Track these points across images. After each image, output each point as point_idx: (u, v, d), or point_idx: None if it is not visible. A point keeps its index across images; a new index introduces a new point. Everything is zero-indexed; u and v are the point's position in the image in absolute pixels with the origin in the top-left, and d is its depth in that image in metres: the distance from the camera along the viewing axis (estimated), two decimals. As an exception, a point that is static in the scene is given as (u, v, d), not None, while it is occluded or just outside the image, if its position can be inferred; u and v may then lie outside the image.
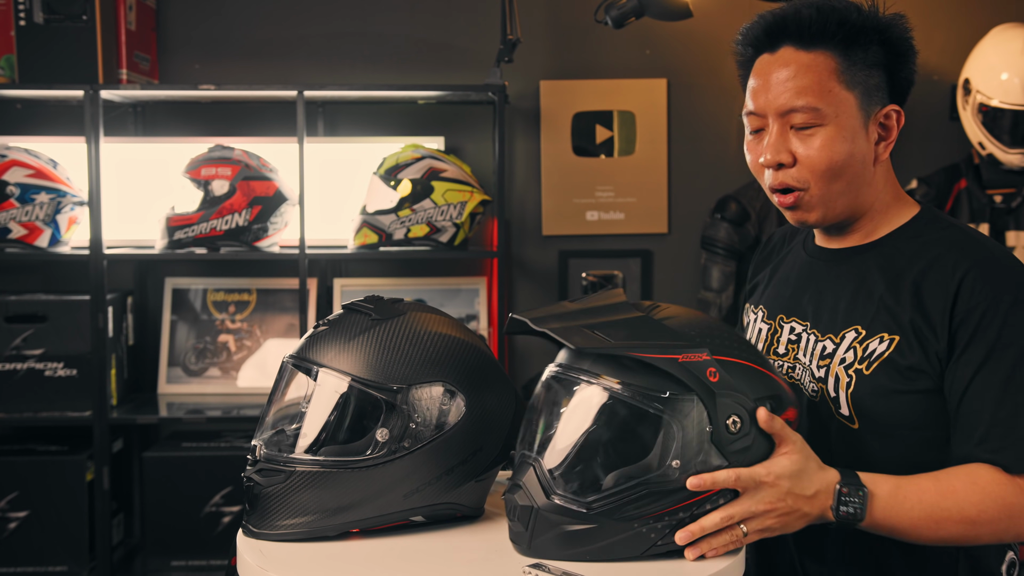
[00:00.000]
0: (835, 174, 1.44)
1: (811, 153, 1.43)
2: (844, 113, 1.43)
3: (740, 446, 1.32)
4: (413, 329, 1.44)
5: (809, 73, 1.42)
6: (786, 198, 1.47)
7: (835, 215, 1.48)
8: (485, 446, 1.45)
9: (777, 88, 1.43)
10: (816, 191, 1.45)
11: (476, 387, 1.43)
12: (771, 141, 1.45)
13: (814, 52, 1.43)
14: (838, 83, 1.42)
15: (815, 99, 1.42)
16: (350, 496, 1.39)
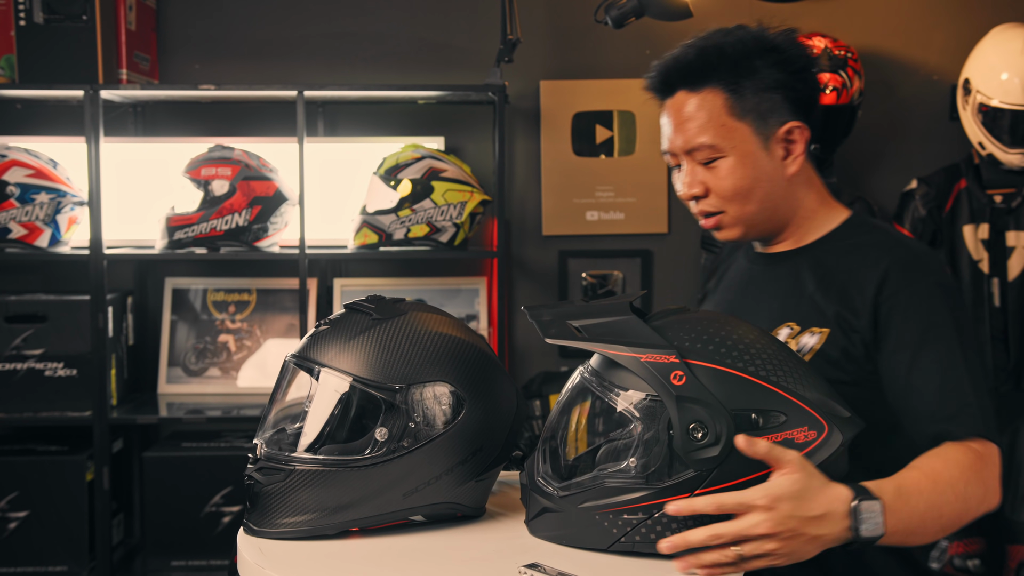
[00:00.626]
0: (744, 197, 1.58)
1: (718, 183, 1.58)
2: (740, 142, 1.56)
3: (706, 455, 1.29)
4: (414, 329, 1.44)
5: (701, 113, 1.57)
6: (708, 221, 1.62)
7: (757, 230, 1.63)
8: (485, 446, 1.44)
9: (678, 130, 1.59)
10: (732, 213, 1.60)
11: (477, 387, 1.43)
12: (684, 178, 1.61)
13: (703, 92, 1.57)
14: (730, 116, 1.56)
15: (710, 136, 1.56)
16: (349, 495, 1.39)
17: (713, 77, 1.57)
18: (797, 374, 1.34)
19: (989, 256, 3.15)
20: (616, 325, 1.36)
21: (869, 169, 3.43)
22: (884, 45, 3.39)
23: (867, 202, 3.22)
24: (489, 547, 1.40)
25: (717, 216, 1.61)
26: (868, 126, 3.31)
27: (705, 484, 1.30)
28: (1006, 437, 3.22)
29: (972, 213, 3.17)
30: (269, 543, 1.39)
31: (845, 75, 3.01)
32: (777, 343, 1.38)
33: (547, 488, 1.40)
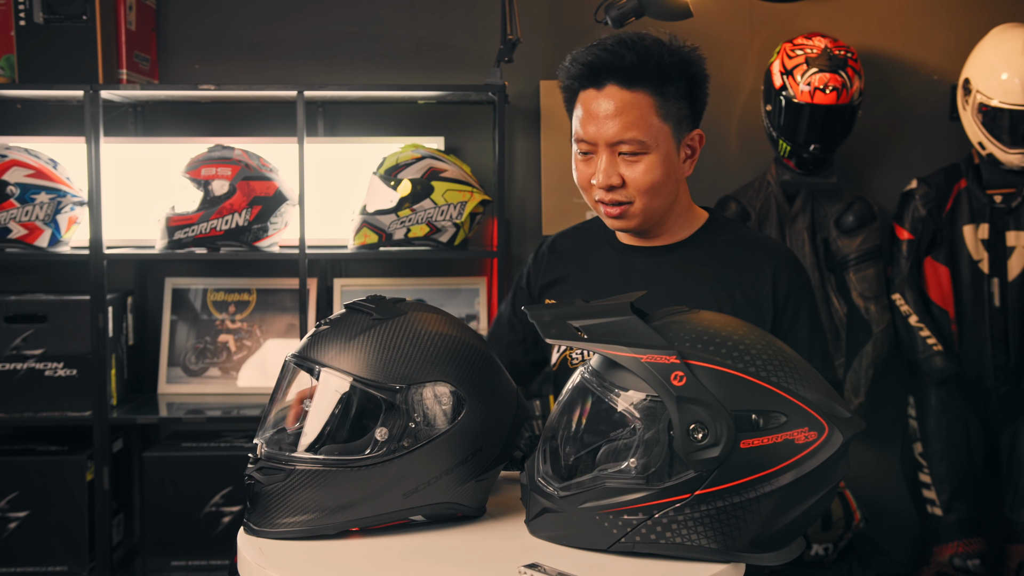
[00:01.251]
0: (655, 192, 1.73)
1: (636, 176, 1.71)
2: (662, 142, 1.72)
3: (706, 456, 1.29)
4: (414, 329, 1.44)
5: (634, 110, 1.69)
6: (613, 210, 1.74)
7: (649, 223, 1.78)
8: (486, 446, 1.45)
9: (607, 122, 1.69)
10: (639, 205, 1.73)
11: (476, 387, 1.43)
12: (603, 167, 1.71)
13: (635, 91, 1.69)
14: (656, 117, 1.71)
15: (639, 133, 1.69)
16: (349, 495, 1.39)
17: (645, 80, 1.69)
18: (797, 375, 1.34)
19: (989, 256, 3.15)
20: (617, 325, 1.36)
21: (869, 169, 3.43)
22: (884, 45, 3.39)
23: (867, 202, 3.22)
24: (489, 547, 1.40)
25: (624, 206, 1.73)
26: (868, 126, 3.31)
27: (705, 485, 1.30)
28: (1006, 437, 3.22)
29: (972, 213, 3.17)
30: (269, 543, 1.39)
31: (845, 75, 3.01)
32: (777, 344, 1.38)
33: (547, 488, 1.40)
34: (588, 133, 1.72)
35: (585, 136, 1.72)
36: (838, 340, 3.24)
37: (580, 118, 1.73)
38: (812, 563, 3.15)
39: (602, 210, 1.76)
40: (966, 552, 3.18)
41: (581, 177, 1.76)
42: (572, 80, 1.74)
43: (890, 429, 3.42)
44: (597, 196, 1.75)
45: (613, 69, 1.69)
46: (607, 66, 1.70)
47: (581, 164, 1.76)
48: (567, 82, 1.76)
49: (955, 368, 3.15)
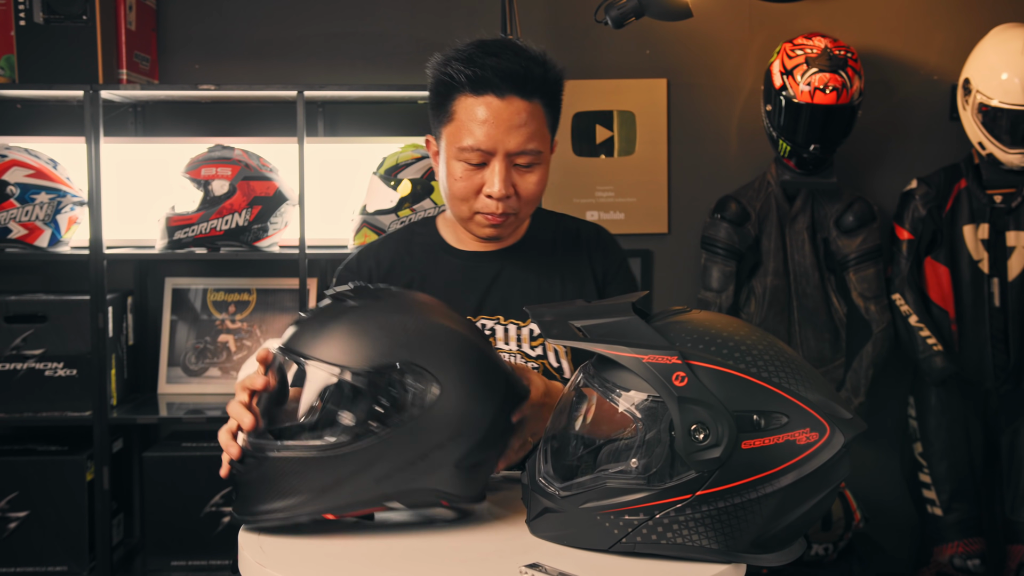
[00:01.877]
0: (537, 201, 1.74)
1: (529, 187, 1.71)
2: (548, 151, 1.74)
3: (707, 456, 1.29)
4: (385, 313, 1.42)
5: (534, 121, 1.68)
6: (498, 220, 1.71)
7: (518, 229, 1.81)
8: (464, 431, 1.41)
9: (511, 132, 1.66)
10: (522, 215, 1.74)
11: (450, 371, 1.40)
12: (503, 177, 1.67)
13: (533, 102, 1.68)
14: (547, 127, 1.72)
15: (539, 144, 1.69)
16: (320, 481, 1.38)
17: (541, 91, 1.69)
18: (799, 376, 1.34)
19: (989, 256, 3.16)
20: (618, 326, 1.36)
21: (869, 169, 3.43)
22: (884, 45, 3.39)
23: (867, 202, 3.22)
24: (490, 547, 1.40)
25: (509, 217, 1.72)
26: (868, 126, 3.31)
27: (707, 485, 1.30)
28: (1006, 437, 3.22)
29: (972, 213, 3.17)
30: (270, 541, 1.40)
31: (845, 75, 3.02)
32: (778, 345, 1.38)
33: (548, 488, 1.39)
34: (487, 141, 1.65)
35: (481, 145, 1.65)
36: (838, 340, 3.24)
37: (471, 125, 1.65)
38: (812, 563, 3.15)
39: (483, 220, 1.71)
40: (966, 552, 3.18)
41: (465, 187, 1.69)
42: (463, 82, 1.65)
43: (890, 429, 3.42)
44: (485, 208, 1.70)
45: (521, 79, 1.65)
46: (515, 76, 1.65)
47: (466, 173, 1.69)
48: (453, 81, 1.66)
49: (955, 368, 3.15)
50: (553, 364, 1.77)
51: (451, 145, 1.69)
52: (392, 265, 1.83)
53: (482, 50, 1.66)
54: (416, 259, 1.83)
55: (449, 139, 1.70)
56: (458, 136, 1.67)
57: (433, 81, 1.70)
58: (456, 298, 1.76)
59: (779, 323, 3.21)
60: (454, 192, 1.71)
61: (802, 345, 3.21)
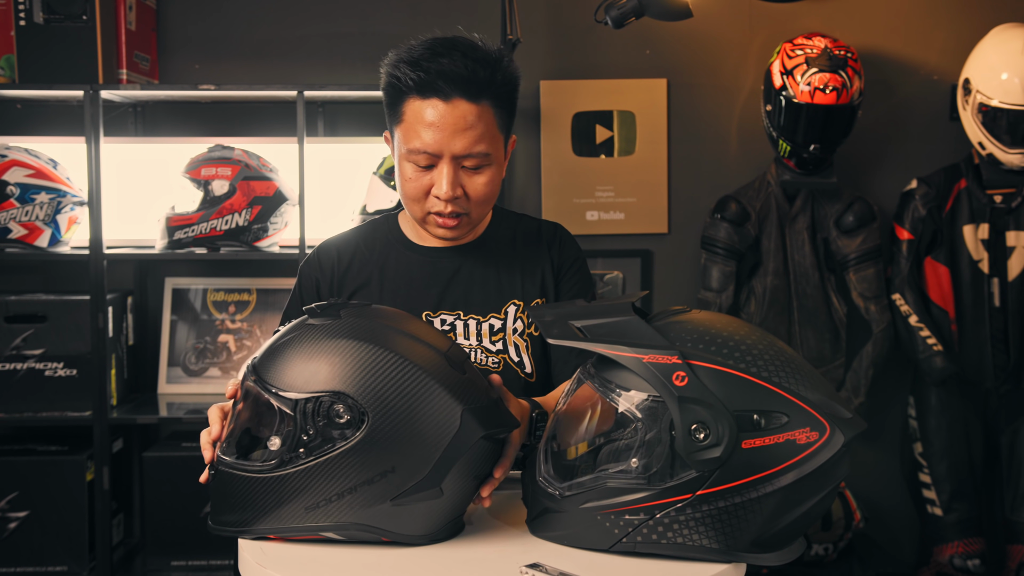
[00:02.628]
0: (489, 202, 1.74)
1: (478, 188, 1.70)
2: (500, 152, 1.72)
3: (708, 456, 1.29)
4: (331, 337, 1.37)
5: (481, 123, 1.67)
6: (450, 221, 1.72)
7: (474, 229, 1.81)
8: (398, 468, 1.34)
9: (458, 136, 1.65)
10: (475, 215, 1.74)
11: (386, 405, 1.34)
12: (449, 179, 1.67)
13: (482, 105, 1.66)
14: (497, 128, 1.70)
15: (487, 146, 1.68)
16: (252, 501, 1.38)
17: (491, 93, 1.67)
18: (799, 375, 1.34)
19: (989, 256, 3.15)
20: (618, 326, 1.36)
21: (869, 169, 3.43)
22: (884, 45, 3.39)
23: (867, 202, 3.22)
24: (490, 547, 1.40)
25: (461, 218, 1.72)
26: (868, 126, 3.31)
27: (707, 485, 1.30)
28: (1006, 437, 3.22)
29: (972, 213, 3.17)
30: (271, 544, 1.39)
31: (845, 75, 3.02)
32: (778, 344, 1.38)
33: (549, 488, 1.39)
34: (433, 144, 1.66)
35: (428, 147, 1.66)
36: (838, 340, 3.24)
37: (418, 127, 1.66)
38: (812, 563, 3.15)
39: (436, 221, 1.72)
40: (966, 552, 3.18)
41: (415, 188, 1.70)
42: (410, 86, 1.65)
43: (890, 429, 3.42)
44: (434, 208, 1.71)
45: (465, 82, 1.64)
46: (460, 78, 1.64)
47: (415, 174, 1.69)
48: (401, 84, 1.67)
49: (955, 368, 3.15)
50: (514, 359, 1.77)
51: (401, 145, 1.70)
52: (352, 260, 1.84)
53: (431, 51, 1.66)
54: (377, 254, 1.84)
55: (400, 140, 1.70)
56: (407, 137, 1.68)
57: (384, 81, 1.70)
58: (416, 293, 1.78)
59: (779, 323, 3.21)
60: (405, 192, 1.72)
61: (802, 345, 3.21)
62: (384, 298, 1.79)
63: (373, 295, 1.80)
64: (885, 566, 3.42)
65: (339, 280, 1.83)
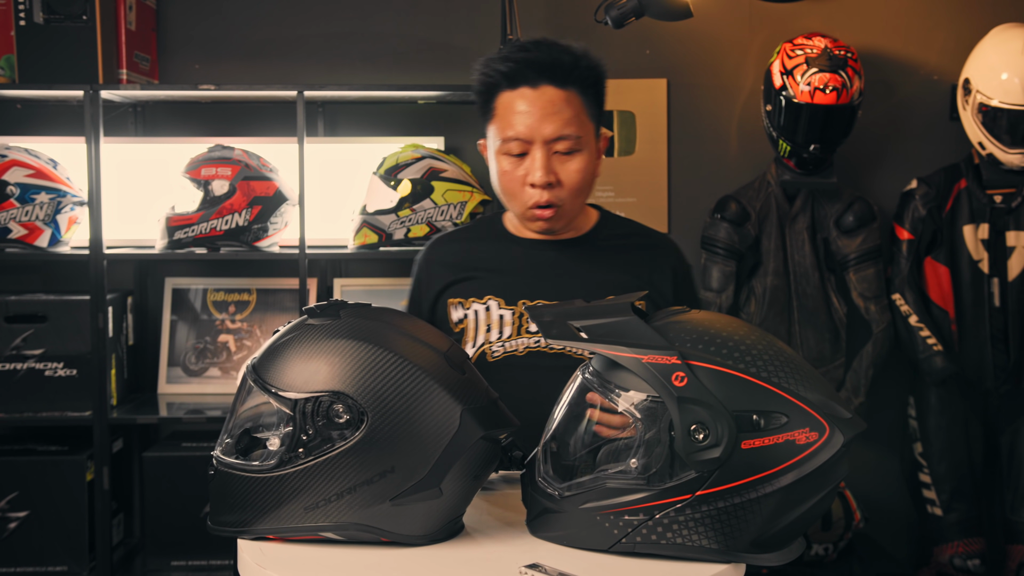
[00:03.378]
0: (583, 190, 1.78)
1: (571, 175, 1.75)
2: (590, 140, 1.78)
3: (707, 456, 1.29)
4: (330, 337, 1.37)
5: (569, 108, 1.74)
6: (546, 212, 1.76)
7: (571, 221, 1.84)
8: (398, 467, 1.34)
9: (547, 119, 1.72)
10: (569, 205, 1.78)
11: (385, 405, 1.34)
12: (542, 164, 1.73)
13: (568, 90, 1.74)
14: (586, 115, 1.76)
15: (576, 129, 1.74)
16: (252, 501, 1.38)
17: (576, 80, 1.75)
18: (798, 375, 1.34)
19: (989, 256, 3.15)
20: (617, 326, 1.36)
21: (869, 169, 3.43)
22: (884, 45, 3.39)
23: (867, 202, 3.22)
24: (490, 547, 1.40)
25: (556, 208, 1.76)
26: (868, 126, 3.31)
27: (706, 485, 1.30)
28: (1006, 437, 3.22)
29: (972, 213, 3.17)
30: (270, 544, 1.40)
31: (845, 75, 3.01)
32: (777, 344, 1.38)
33: (548, 489, 1.39)
34: (524, 130, 1.72)
35: (520, 134, 1.73)
36: (838, 340, 3.24)
37: (510, 116, 1.74)
38: (812, 563, 3.15)
39: (534, 214, 1.77)
40: (966, 552, 3.18)
41: (511, 180, 1.76)
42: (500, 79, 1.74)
43: (890, 429, 3.42)
44: (531, 199, 1.76)
45: (551, 68, 1.73)
46: (544, 65, 1.73)
47: (510, 165, 1.76)
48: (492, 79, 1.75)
49: (955, 368, 3.15)
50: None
51: (495, 139, 1.77)
52: (456, 255, 1.91)
53: (516, 48, 1.76)
54: (480, 248, 1.91)
55: (493, 135, 1.78)
56: (500, 129, 1.75)
57: (476, 83, 1.80)
58: (512, 282, 1.83)
59: (779, 323, 3.20)
60: (502, 187, 1.79)
61: (802, 345, 3.21)
62: (483, 288, 1.84)
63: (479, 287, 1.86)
64: (885, 566, 3.42)
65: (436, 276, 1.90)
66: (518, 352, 1.81)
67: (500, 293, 1.83)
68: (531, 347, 1.80)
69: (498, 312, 1.83)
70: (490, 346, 1.82)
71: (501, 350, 1.81)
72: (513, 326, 1.82)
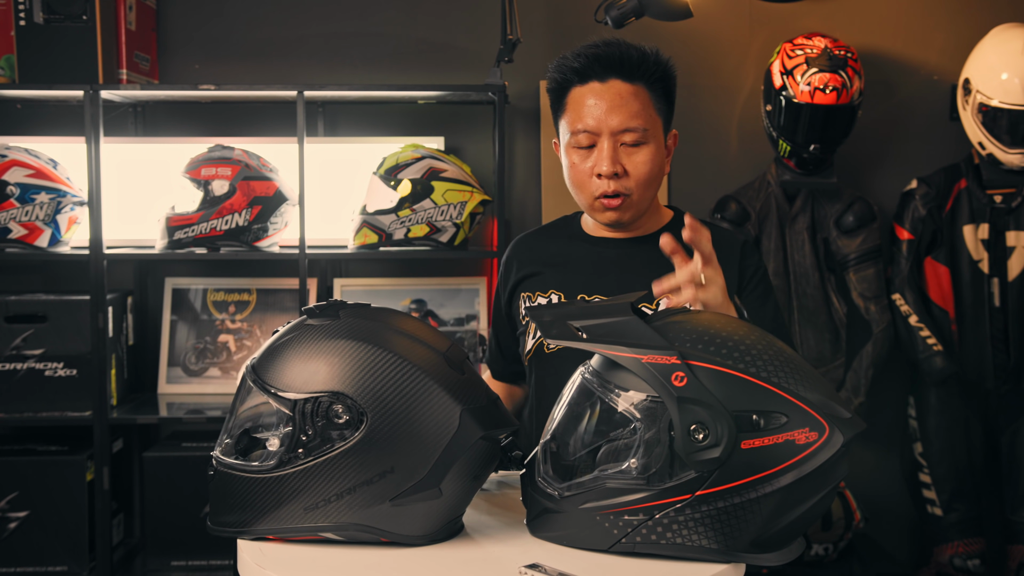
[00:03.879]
0: (650, 184, 1.81)
1: (637, 166, 1.78)
2: (658, 134, 1.81)
3: (707, 456, 1.29)
4: (329, 337, 1.37)
5: (636, 101, 1.77)
6: (613, 201, 1.80)
7: (640, 215, 1.85)
8: (397, 467, 1.34)
9: (615, 111, 1.76)
10: (636, 196, 1.80)
11: (384, 405, 1.34)
12: (609, 155, 1.77)
13: (636, 85, 1.78)
14: (654, 110, 1.79)
15: (643, 122, 1.77)
16: (251, 502, 1.38)
17: (645, 76, 1.78)
18: (798, 375, 1.34)
19: (989, 256, 3.15)
20: (617, 326, 1.36)
21: (869, 169, 3.43)
22: (884, 45, 3.39)
23: (867, 202, 3.22)
24: (490, 547, 1.40)
25: (623, 198, 1.79)
26: (868, 126, 3.31)
27: (706, 485, 1.30)
28: (1006, 437, 3.22)
29: (972, 213, 3.17)
30: (270, 544, 1.40)
31: (845, 75, 3.01)
32: (777, 344, 1.38)
33: (548, 489, 1.39)
34: (591, 123, 1.77)
35: (587, 126, 1.78)
36: (838, 340, 3.24)
37: (580, 109, 1.79)
38: (812, 563, 3.15)
39: (602, 204, 1.80)
40: (966, 552, 3.18)
41: (580, 173, 1.81)
42: (570, 75, 1.80)
43: (890, 429, 3.42)
44: (599, 189, 1.79)
45: (619, 63, 1.77)
46: (613, 60, 1.77)
47: (579, 158, 1.81)
48: (563, 76, 1.81)
49: (955, 368, 3.15)
50: None
51: (566, 133, 1.83)
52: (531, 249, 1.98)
53: (589, 46, 1.81)
54: (551, 244, 1.97)
55: (564, 129, 1.83)
56: (571, 122, 1.81)
57: (550, 81, 1.84)
58: (574, 276, 1.87)
59: (779, 323, 3.20)
60: (573, 180, 1.84)
61: (802, 345, 3.21)
62: (547, 283, 1.90)
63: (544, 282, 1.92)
64: (885, 566, 3.42)
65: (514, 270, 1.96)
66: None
67: (561, 287, 1.88)
68: None
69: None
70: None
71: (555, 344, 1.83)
72: None
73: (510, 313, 1.97)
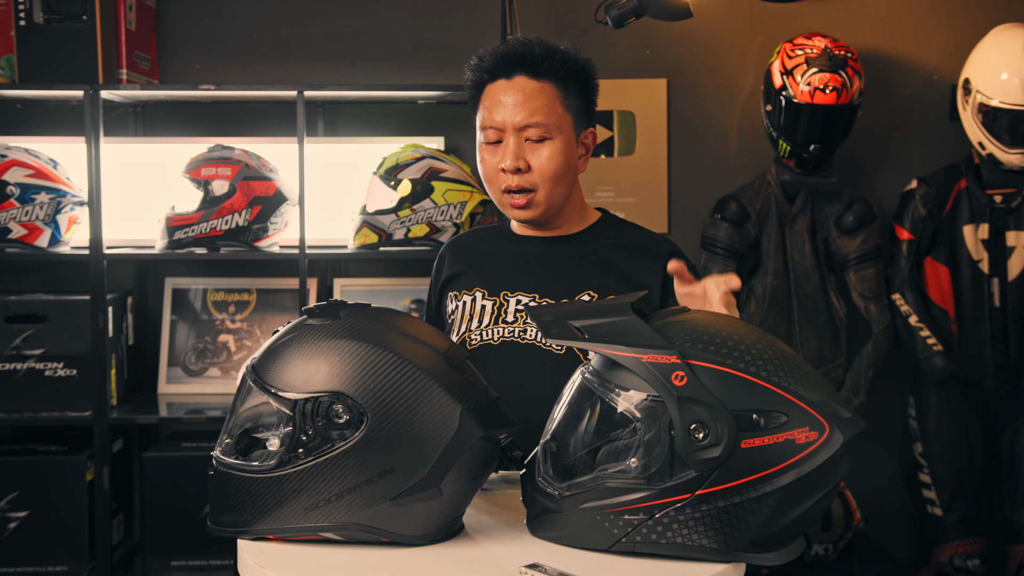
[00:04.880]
0: (557, 180, 1.83)
1: (542, 161, 1.81)
2: (565, 130, 1.83)
3: (707, 456, 1.29)
4: (330, 337, 1.37)
5: (541, 97, 1.81)
6: (518, 199, 1.83)
7: (551, 212, 1.86)
8: (397, 467, 1.34)
9: (520, 107, 1.81)
10: (543, 193, 1.83)
11: (384, 405, 1.34)
12: (512, 150, 1.81)
13: (542, 81, 1.82)
14: (562, 107, 1.83)
15: (545, 117, 1.81)
16: (252, 502, 1.38)
17: (551, 72, 1.82)
18: (798, 375, 1.34)
19: (989, 256, 3.15)
20: (617, 325, 1.36)
21: (869, 169, 3.43)
22: (884, 45, 3.39)
23: (867, 202, 3.22)
24: (490, 547, 1.40)
25: (529, 194, 1.82)
26: (868, 126, 3.31)
27: (706, 484, 1.30)
28: (1006, 437, 3.22)
29: (972, 213, 3.17)
30: (270, 544, 1.39)
31: (845, 75, 3.01)
32: (777, 344, 1.38)
33: (548, 488, 1.39)
34: (497, 119, 1.81)
35: (494, 122, 1.82)
36: (838, 340, 3.24)
37: (488, 107, 1.83)
38: (812, 563, 3.15)
39: (508, 200, 1.84)
40: (966, 552, 3.18)
41: (488, 167, 1.84)
42: (482, 74, 1.85)
43: (890, 429, 3.42)
44: (504, 184, 1.83)
45: (524, 60, 1.82)
46: (518, 58, 1.82)
47: (487, 153, 1.84)
48: (477, 76, 1.86)
49: (955, 368, 3.15)
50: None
51: (478, 133, 1.86)
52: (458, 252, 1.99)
53: (498, 45, 1.87)
54: (479, 243, 2.00)
55: (477, 127, 1.87)
56: (481, 121, 1.85)
57: (466, 81, 1.90)
58: (499, 274, 1.90)
59: (779, 323, 3.20)
60: (483, 176, 1.87)
61: (802, 345, 3.21)
62: (472, 281, 1.92)
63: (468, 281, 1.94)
64: (885, 566, 3.42)
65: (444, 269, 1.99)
66: (493, 341, 1.85)
67: (485, 285, 1.90)
68: (506, 337, 1.84)
69: (481, 303, 1.89)
70: (470, 334, 1.87)
71: (479, 339, 1.86)
72: (491, 315, 1.88)
73: (440, 312, 2.00)
